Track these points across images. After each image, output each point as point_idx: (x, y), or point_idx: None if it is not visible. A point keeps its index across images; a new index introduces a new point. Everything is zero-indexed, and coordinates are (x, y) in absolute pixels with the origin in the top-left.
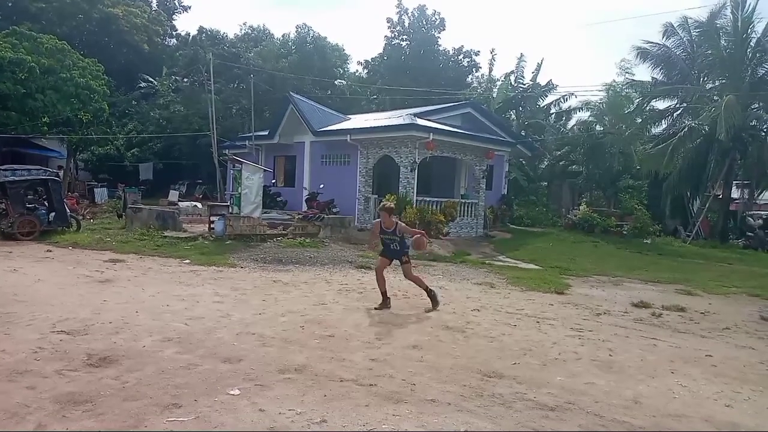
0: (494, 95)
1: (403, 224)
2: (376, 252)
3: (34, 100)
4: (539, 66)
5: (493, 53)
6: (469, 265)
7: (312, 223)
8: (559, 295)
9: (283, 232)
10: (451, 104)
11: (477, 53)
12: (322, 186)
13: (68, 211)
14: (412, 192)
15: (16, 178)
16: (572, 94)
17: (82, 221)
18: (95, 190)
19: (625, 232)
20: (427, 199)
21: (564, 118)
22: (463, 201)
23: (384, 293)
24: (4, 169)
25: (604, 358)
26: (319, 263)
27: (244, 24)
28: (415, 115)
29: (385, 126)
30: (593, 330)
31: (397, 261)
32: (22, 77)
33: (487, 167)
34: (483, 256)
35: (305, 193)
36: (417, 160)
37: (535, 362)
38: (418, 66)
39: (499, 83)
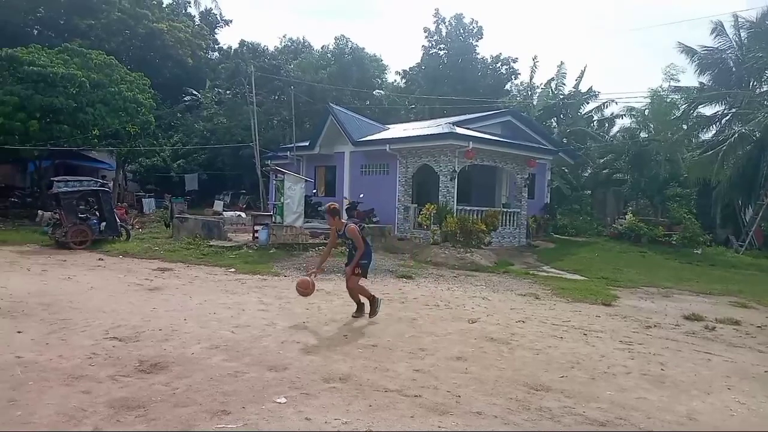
0: (534, 103)
1: (353, 226)
2: (318, 274)
3: (85, 113)
4: (582, 73)
5: (535, 60)
6: (513, 276)
7: None
8: (606, 306)
9: (325, 241)
10: (491, 112)
11: (515, 60)
12: (361, 195)
13: (118, 220)
14: (452, 201)
15: (69, 189)
16: (614, 100)
17: (131, 231)
18: (143, 200)
19: (673, 242)
20: (468, 208)
21: (607, 125)
22: (505, 210)
23: (370, 297)
24: (57, 181)
25: (655, 372)
26: None
27: (284, 36)
28: (454, 123)
29: (423, 135)
30: (643, 343)
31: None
32: (74, 92)
33: (529, 176)
34: (526, 266)
35: (345, 202)
36: (457, 168)
37: (583, 376)
38: (456, 75)
39: (539, 91)
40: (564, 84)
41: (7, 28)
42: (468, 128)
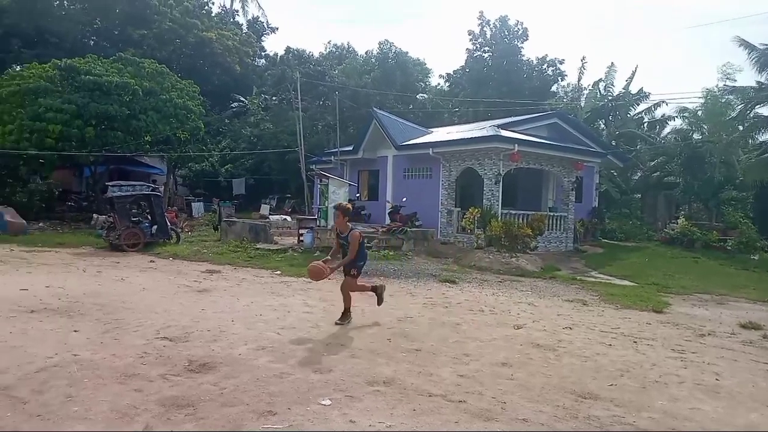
0: (582, 105)
1: (358, 234)
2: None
3: (138, 120)
4: (633, 73)
5: (584, 61)
6: (559, 281)
7: (395, 237)
8: (657, 313)
9: (368, 244)
10: (537, 114)
11: (562, 62)
12: (404, 199)
13: (169, 224)
14: (497, 205)
15: (123, 194)
16: (665, 101)
17: (181, 234)
18: (192, 204)
19: (728, 248)
20: (513, 212)
21: (658, 127)
22: (552, 214)
23: (372, 289)
24: (111, 186)
25: (709, 382)
26: (403, 276)
27: (328, 42)
28: (498, 126)
29: (468, 138)
30: (696, 352)
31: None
32: (127, 99)
33: (577, 179)
34: (573, 272)
35: (388, 206)
36: (501, 172)
37: (633, 384)
38: (500, 77)
39: (586, 92)
40: (613, 85)
41: (67, 39)
42: (513, 131)
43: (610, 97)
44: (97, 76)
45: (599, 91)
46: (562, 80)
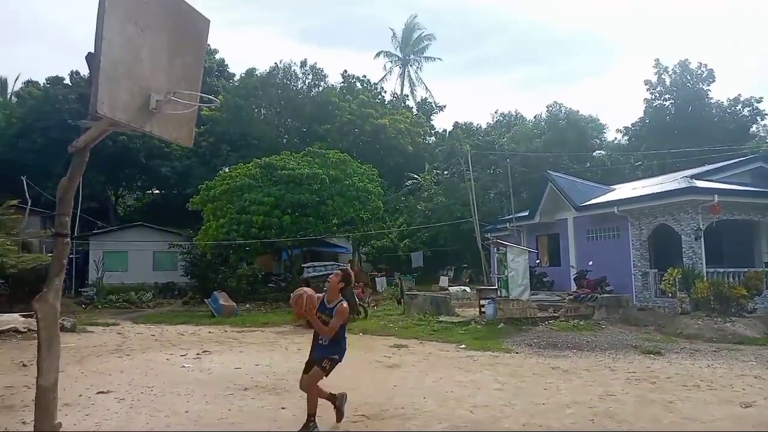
0: None
1: (346, 307)
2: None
3: (326, 205)
4: None
5: None
6: None
7: (585, 304)
8: None
9: (555, 314)
10: (735, 161)
11: (759, 100)
12: (590, 263)
13: (357, 300)
14: (700, 263)
15: (317, 274)
16: None
17: (368, 308)
18: (376, 279)
19: None
20: (720, 270)
21: None
22: None
23: (329, 398)
24: (306, 267)
25: None
26: (599, 348)
27: (495, 112)
28: (691, 177)
29: (657, 193)
30: None
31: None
32: (317, 188)
33: None
34: None
35: (573, 271)
36: (701, 226)
37: None
38: (686, 125)
39: None
40: None
41: (264, 139)
42: (709, 180)
43: None
44: (291, 170)
45: None
46: (762, 120)
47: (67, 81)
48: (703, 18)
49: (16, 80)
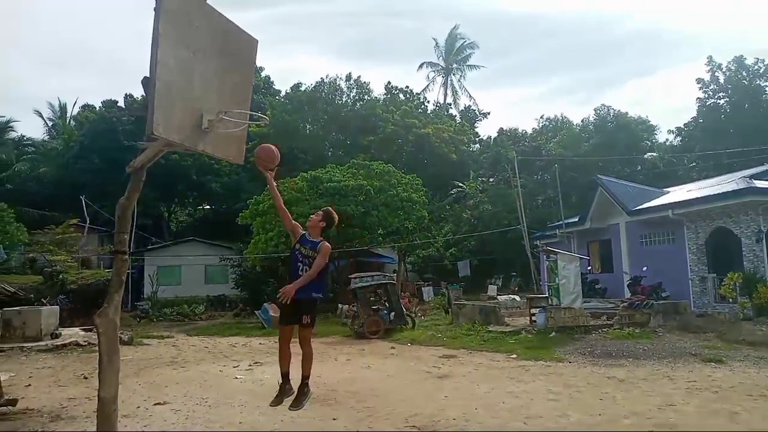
0: None
1: (329, 246)
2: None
3: (371, 216)
4: None
5: None
6: None
7: (640, 311)
8: None
9: (608, 322)
10: None
11: None
12: (645, 269)
13: (404, 310)
14: (763, 267)
15: (364, 284)
16: None
17: (415, 318)
18: (422, 289)
19: None
20: None
21: None
22: None
23: (285, 374)
24: (353, 278)
25: None
26: (656, 356)
27: (541, 117)
28: (750, 177)
29: (714, 195)
30: None
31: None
32: (362, 199)
33: None
34: None
35: (626, 278)
36: (763, 228)
37: None
38: (742, 123)
39: None
40: None
41: (310, 152)
42: None
43: None
44: (336, 182)
45: None
46: None
47: (121, 103)
48: (757, 10)
49: (74, 105)
